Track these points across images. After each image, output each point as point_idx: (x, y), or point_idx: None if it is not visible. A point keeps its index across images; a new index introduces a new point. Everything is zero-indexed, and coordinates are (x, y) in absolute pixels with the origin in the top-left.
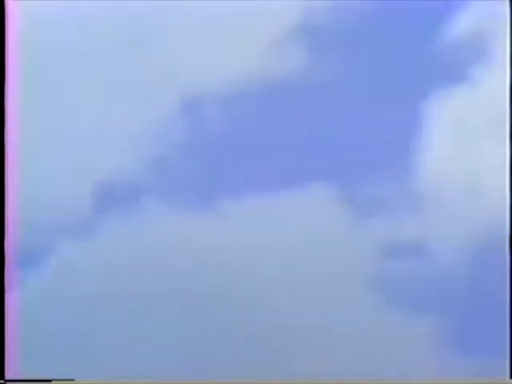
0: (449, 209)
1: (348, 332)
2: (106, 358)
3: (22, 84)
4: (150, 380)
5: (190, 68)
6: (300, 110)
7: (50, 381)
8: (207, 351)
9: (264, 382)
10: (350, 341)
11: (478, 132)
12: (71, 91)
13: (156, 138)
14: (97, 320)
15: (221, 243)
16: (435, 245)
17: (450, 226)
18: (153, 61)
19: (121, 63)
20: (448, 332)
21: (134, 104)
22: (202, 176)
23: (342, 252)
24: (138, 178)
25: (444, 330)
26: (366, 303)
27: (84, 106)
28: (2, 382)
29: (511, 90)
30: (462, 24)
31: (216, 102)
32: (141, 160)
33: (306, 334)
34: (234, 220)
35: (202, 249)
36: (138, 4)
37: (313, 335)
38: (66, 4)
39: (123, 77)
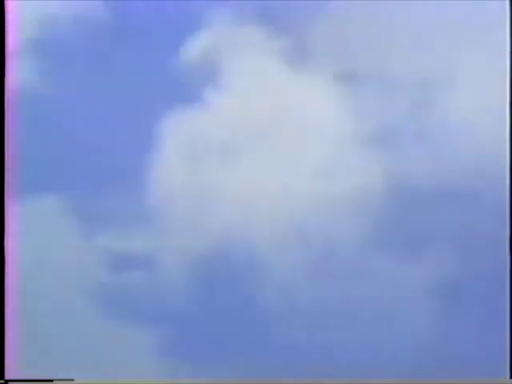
0: (179, 223)
1: (70, 343)
2: None
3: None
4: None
5: None
6: (34, 123)
7: (49, 381)
8: None
9: (266, 382)
10: (71, 352)
11: (210, 150)
12: None
13: None
14: None
15: None
16: (163, 258)
17: (179, 239)
18: None
19: None
20: (173, 341)
21: None
22: None
23: (69, 264)
24: None
25: (169, 339)
26: (90, 315)
27: None
28: (2, 382)
29: (511, 95)
30: (195, 46)
31: None
32: None
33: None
34: None
35: None
36: None
37: (32, 344)
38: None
39: None
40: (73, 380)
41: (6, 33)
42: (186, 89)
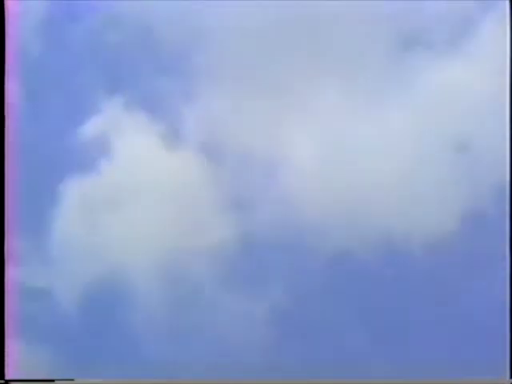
0: (72, 264)
1: None
2: None
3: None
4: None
5: None
6: None
7: (50, 381)
8: None
9: (267, 382)
10: None
11: (100, 207)
12: None
13: None
14: None
15: None
16: (58, 290)
17: (72, 277)
18: None
19: None
20: (65, 357)
21: None
22: None
23: None
24: None
25: (61, 355)
26: None
27: None
28: (2, 382)
29: (511, 92)
30: (91, 127)
31: None
32: None
33: None
34: None
35: None
36: None
37: None
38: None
39: None
40: (73, 380)
41: (5, 33)
42: (85, 159)
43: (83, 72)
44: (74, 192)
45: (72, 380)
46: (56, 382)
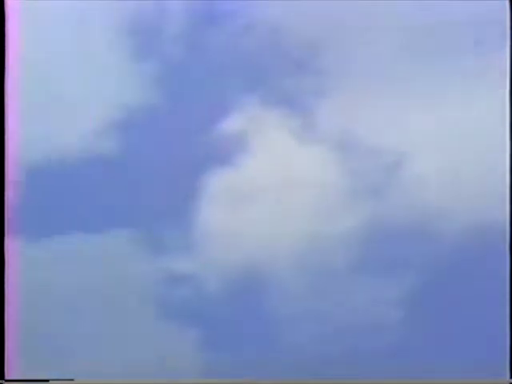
0: (216, 252)
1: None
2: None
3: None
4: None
5: None
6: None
7: (49, 381)
8: None
9: (267, 382)
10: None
11: (240, 199)
12: None
13: None
14: None
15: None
16: (203, 276)
17: (217, 264)
18: None
19: None
20: (211, 338)
21: None
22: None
23: (138, 283)
24: None
25: (208, 336)
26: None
27: None
28: (2, 382)
29: (511, 95)
30: (230, 123)
31: None
32: None
33: None
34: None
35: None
36: None
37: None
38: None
39: None
40: (72, 380)
41: (5, 33)
42: (223, 154)
43: (222, 73)
44: (215, 185)
45: (72, 380)
46: (56, 382)
